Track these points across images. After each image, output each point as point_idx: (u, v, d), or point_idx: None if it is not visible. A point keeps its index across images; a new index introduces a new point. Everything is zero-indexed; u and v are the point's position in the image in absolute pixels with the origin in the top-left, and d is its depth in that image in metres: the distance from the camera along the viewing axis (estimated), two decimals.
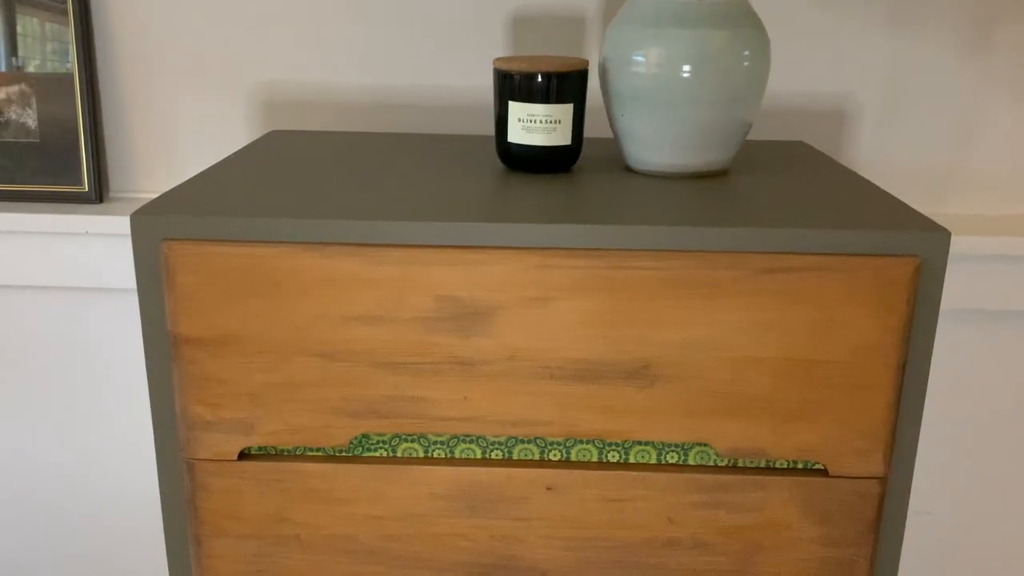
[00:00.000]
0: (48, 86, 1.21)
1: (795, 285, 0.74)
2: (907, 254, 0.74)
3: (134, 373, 1.31)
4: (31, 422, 1.33)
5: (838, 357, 0.76)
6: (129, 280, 1.24)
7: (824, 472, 0.80)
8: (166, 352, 0.79)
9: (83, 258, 1.23)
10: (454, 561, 0.83)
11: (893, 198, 0.84)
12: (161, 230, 0.76)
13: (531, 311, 0.76)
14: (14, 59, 1.21)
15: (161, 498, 0.83)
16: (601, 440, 0.81)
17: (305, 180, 0.88)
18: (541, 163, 0.91)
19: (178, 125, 1.23)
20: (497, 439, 0.81)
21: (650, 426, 0.79)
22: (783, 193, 0.85)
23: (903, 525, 0.81)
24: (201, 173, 0.90)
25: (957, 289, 1.20)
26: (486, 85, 1.19)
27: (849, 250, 0.74)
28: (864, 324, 0.75)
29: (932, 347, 0.76)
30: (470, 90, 1.19)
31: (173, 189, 0.84)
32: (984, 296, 1.20)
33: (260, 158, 0.98)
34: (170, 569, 0.85)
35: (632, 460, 0.82)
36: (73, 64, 1.20)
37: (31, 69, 1.21)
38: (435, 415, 0.79)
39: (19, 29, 1.20)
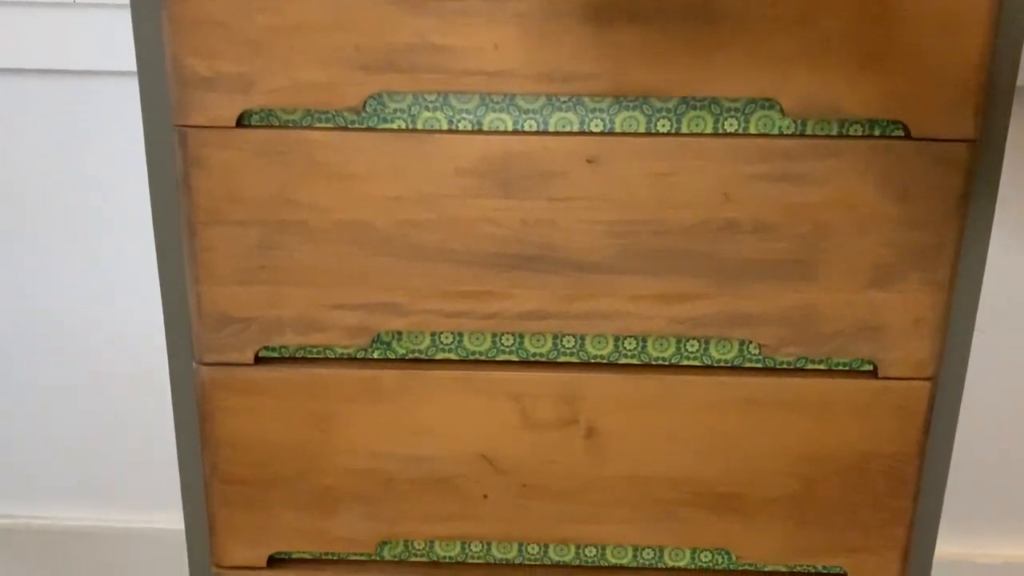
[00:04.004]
0: None
1: None
2: None
3: (133, 171, 1.21)
4: (20, 231, 1.24)
5: None
6: (128, 62, 1.14)
7: (905, 136, 0.70)
8: None
9: (72, 35, 1.14)
10: (482, 251, 0.73)
11: None
12: None
13: None
14: None
15: (149, 179, 0.74)
16: (650, 105, 0.71)
17: None
18: None
19: None
20: (531, 107, 0.72)
21: (708, 76, 0.69)
22: None
23: (994, 200, 0.71)
24: None
25: None
26: None
27: None
28: None
29: None
30: None
31: None
32: None
33: None
34: (159, 269, 0.76)
35: (685, 130, 0.72)
36: None
37: None
38: (461, 68, 0.69)
39: None
